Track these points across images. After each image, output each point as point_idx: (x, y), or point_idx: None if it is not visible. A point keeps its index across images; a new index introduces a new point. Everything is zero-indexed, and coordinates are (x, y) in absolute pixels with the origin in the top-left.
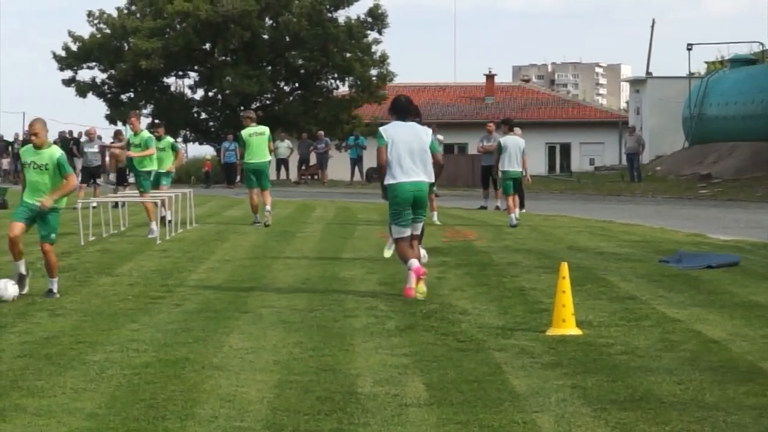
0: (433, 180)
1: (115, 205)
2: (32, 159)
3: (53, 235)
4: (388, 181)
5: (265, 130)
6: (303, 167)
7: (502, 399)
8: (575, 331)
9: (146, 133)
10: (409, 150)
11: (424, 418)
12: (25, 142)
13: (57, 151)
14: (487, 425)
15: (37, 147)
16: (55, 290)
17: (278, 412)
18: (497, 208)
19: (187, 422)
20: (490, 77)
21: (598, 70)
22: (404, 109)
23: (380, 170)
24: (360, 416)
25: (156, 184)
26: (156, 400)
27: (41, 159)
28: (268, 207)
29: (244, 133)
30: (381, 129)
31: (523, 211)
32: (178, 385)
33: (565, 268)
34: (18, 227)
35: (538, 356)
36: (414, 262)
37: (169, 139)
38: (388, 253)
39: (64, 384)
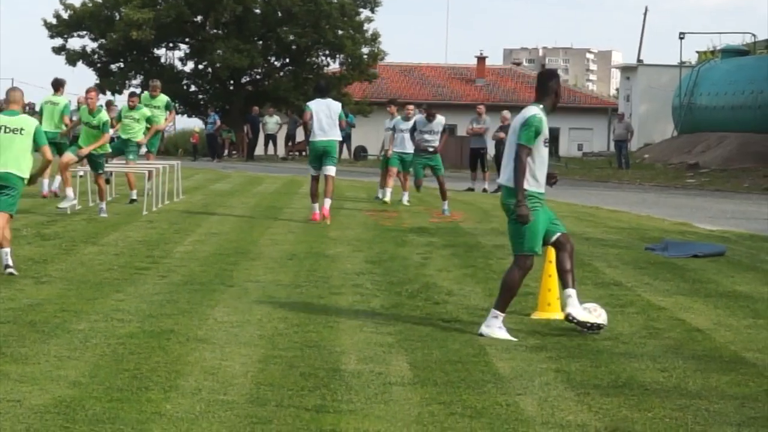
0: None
1: None
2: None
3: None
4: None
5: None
6: (290, 143)
7: (486, 380)
8: (560, 316)
9: (105, 115)
10: (325, 117)
11: (408, 397)
12: None
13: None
14: (470, 406)
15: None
16: None
17: (262, 387)
18: (485, 190)
19: (171, 393)
20: (481, 59)
21: (588, 56)
22: (323, 89)
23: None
24: (344, 393)
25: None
26: (140, 370)
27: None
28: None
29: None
30: (308, 103)
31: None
32: (163, 356)
33: (551, 252)
34: None
35: (523, 339)
36: (315, 207)
37: (164, 98)
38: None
39: (48, 351)
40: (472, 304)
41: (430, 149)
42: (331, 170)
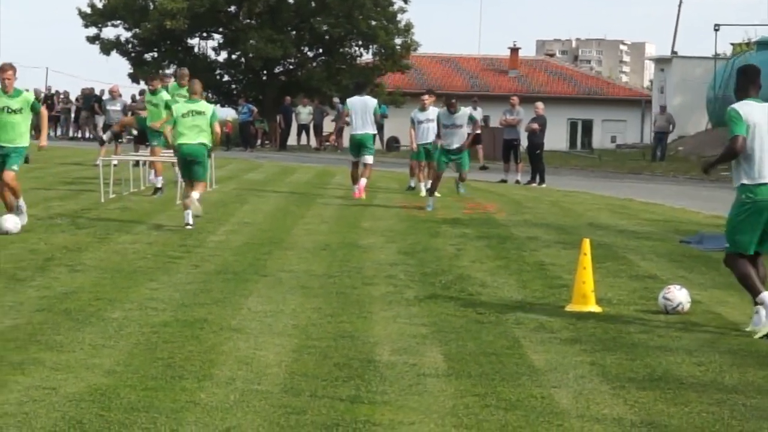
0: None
1: (136, 163)
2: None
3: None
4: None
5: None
6: (321, 134)
7: (521, 373)
8: (595, 308)
9: (29, 95)
10: (361, 112)
11: (442, 389)
12: None
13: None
14: (504, 398)
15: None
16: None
17: (296, 377)
18: (517, 181)
19: (205, 383)
20: (514, 50)
21: (622, 47)
22: (361, 87)
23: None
24: (377, 384)
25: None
26: (174, 359)
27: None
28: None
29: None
30: (347, 100)
31: (543, 185)
32: (196, 345)
33: (587, 244)
34: None
35: (557, 332)
36: (355, 187)
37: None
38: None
39: (83, 340)
40: (505, 296)
41: (454, 147)
42: (368, 159)
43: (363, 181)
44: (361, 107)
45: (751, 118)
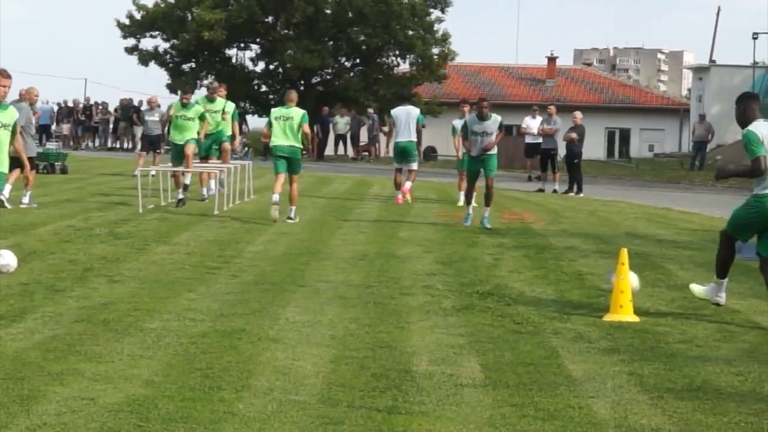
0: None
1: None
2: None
3: None
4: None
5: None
6: (358, 144)
7: (558, 383)
8: (633, 318)
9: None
10: (404, 121)
11: (480, 399)
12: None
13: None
14: (542, 408)
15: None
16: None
17: (333, 387)
18: (555, 191)
19: (243, 393)
20: (551, 60)
21: (660, 56)
22: (405, 98)
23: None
24: (415, 395)
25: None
26: (212, 369)
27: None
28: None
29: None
30: (392, 110)
31: (581, 195)
32: (234, 356)
33: (624, 254)
34: None
35: (595, 341)
36: (398, 193)
37: (222, 101)
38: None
39: (122, 350)
40: (543, 306)
41: (484, 155)
42: (413, 165)
43: (408, 184)
44: (405, 116)
45: (764, 138)
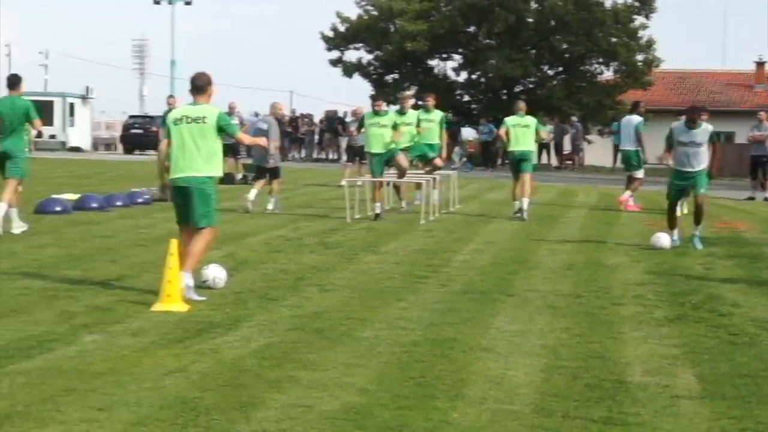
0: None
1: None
2: None
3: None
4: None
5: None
6: (562, 152)
7: None
8: None
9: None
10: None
11: (697, 411)
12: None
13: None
14: (762, 422)
15: None
16: None
17: (547, 397)
18: (766, 199)
19: (457, 402)
20: (760, 64)
21: None
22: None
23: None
24: (630, 406)
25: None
26: (425, 378)
27: None
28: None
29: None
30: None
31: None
32: (447, 365)
33: None
34: None
35: None
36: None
37: (438, 113)
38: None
39: (335, 358)
40: (759, 317)
41: (691, 170)
42: (638, 174)
43: (627, 193)
44: (626, 124)
45: None
